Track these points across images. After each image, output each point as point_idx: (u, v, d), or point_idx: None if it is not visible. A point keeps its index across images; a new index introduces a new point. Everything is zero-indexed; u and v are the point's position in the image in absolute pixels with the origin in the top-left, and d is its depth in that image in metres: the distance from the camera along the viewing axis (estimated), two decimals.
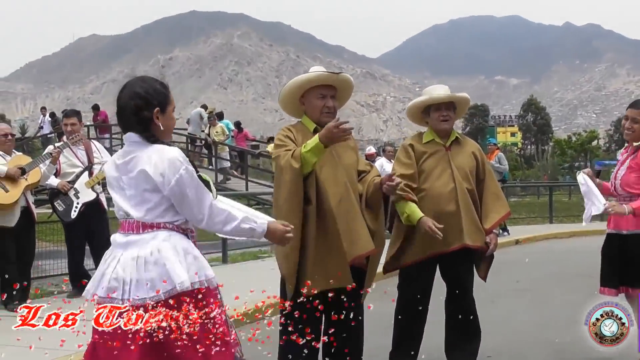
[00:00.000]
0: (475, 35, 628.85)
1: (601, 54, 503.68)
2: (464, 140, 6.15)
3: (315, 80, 5.17)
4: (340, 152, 5.21)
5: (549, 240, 18.87)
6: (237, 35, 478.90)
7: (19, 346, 4.31)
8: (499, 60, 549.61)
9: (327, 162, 5.03)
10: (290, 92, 5.25)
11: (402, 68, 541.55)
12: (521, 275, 11.70)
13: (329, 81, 5.19)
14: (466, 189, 5.84)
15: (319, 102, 5.17)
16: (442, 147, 5.96)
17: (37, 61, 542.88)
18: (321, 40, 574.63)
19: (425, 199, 5.77)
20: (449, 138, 6.01)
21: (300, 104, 5.27)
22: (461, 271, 5.92)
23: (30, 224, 9.10)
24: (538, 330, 7.81)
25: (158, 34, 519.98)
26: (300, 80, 5.22)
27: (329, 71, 5.25)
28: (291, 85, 5.24)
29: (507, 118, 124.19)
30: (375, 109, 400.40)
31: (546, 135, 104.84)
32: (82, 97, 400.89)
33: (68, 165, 9.67)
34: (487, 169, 6.12)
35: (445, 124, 5.92)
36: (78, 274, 9.82)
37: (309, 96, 5.20)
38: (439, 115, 5.90)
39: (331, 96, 5.19)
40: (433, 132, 6.01)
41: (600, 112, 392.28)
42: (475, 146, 6.21)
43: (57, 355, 5.31)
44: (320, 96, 5.17)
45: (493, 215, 5.91)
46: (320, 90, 5.17)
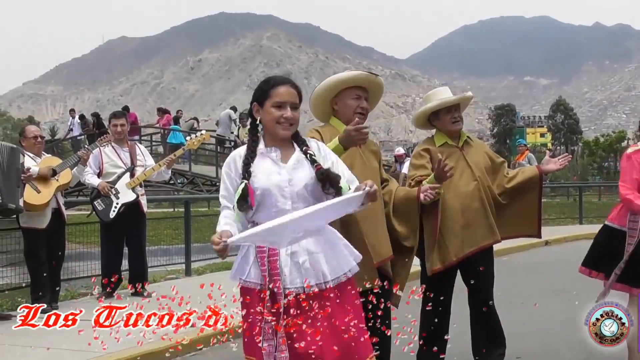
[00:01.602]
0: (505, 35, 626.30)
1: (631, 54, 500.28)
2: (474, 140, 6.24)
3: (352, 80, 5.15)
4: (368, 155, 5.22)
5: (579, 241, 18.71)
6: (266, 37, 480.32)
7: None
8: (528, 60, 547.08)
9: (357, 163, 5.02)
10: (326, 90, 5.19)
11: (432, 69, 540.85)
12: (552, 276, 11.62)
13: (365, 82, 5.17)
14: (487, 187, 5.95)
15: (354, 103, 5.12)
16: (456, 148, 6.02)
17: (67, 63, 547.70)
18: (350, 41, 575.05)
19: (450, 199, 5.80)
20: (460, 139, 6.06)
21: (331, 104, 5.23)
22: (481, 271, 5.92)
23: (60, 225, 9.14)
24: (570, 331, 7.75)
25: (187, 35, 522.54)
26: (339, 79, 5.19)
27: (367, 71, 5.24)
28: (327, 84, 5.19)
29: (536, 119, 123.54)
30: (404, 110, 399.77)
31: (575, 135, 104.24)
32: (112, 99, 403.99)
33: (111, 166, 9.73)
34: (500, 160, 6.24)
35: (457, 124, 5.99)
36: (111, 276, 9.86)
37: (343, 96, 5.16)
38: (451, 117, 5.96)
39: (365, 98, 5.17)
40: (443, 134, 6.04)
41: (630, 112, 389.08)
42: (485, 146, 6.38)
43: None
44: (355, 96, 5.13)
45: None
46: (355, 91, 5.14)
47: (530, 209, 6.14)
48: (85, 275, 11.24)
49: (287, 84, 4.01)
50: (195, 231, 14.64)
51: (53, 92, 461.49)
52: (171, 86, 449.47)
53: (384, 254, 5.04)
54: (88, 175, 9.49)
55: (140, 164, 9.86)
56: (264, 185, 3.83)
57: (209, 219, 18.33)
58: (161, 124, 30.74)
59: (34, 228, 8.73)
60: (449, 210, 5.77)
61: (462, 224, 5.79)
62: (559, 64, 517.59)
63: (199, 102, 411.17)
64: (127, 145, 9.96)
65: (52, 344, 6.56)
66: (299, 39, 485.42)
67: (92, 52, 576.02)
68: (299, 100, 4.01)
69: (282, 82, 4.02)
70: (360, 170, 5.01)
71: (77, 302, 9.65)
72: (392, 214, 5.25)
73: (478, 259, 5.86)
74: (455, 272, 5.98)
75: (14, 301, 9.33)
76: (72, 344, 6.53)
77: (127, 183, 9.65)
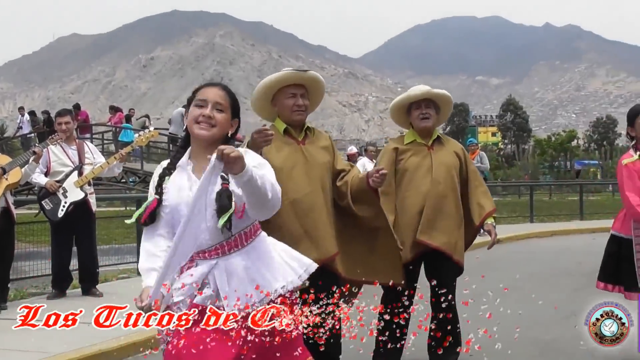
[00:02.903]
0: (457, 35, 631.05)
1: (581, 54, 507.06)
2: (447, 140, 6.22)
3: (284, 79, 5.16)
4: (313, 152, 5.23)
5: (530, 239, 18.93)
6: (219, 35, 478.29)
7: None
8: (481, 60, 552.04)
9: (299, 162, 5.08)
10: (261, 94, 5.24)
11: (384, 68, 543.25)
12: (503, 274, 11.70)
13: (297, 80, 5.17)
14: (445, 188, 5.94)
15: (290, 101, 5.16)
16: (424, 146, 6.03)
17: (17, 60, 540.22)
18: (303, 40, 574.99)
19: (410, 197, 5.89)
20: (431, 137, 6.05)
21: (272, 106, 5.27)
22: (442, 269, 5.97)
23: (9, 225, 9.01)
24: (522, 328, 7.81)
25: (140, 33, 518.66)
26: (270, 81, 5.19)
27: (296, 69, 5.25)
28: (260, 88, 5.23)
29: (487, 118, 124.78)
30: (357, 108, 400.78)
31: (526, 134, 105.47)
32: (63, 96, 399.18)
33: (58, 164, 9.61)
34: (472, 168, 6.23)
35: (425, 121, 5.99)
36: (61, 275, 9.76)
37: (279, 97, 5.20)
38: (419, 113, 5.98)
39: (301, 95, 5.18)
40: (414, 132, 6.07)
41: (580, 112, 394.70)
42: (458, 146, 6.28)
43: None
44: (290, 95, 5.16)
45: (480, 211, 6.04)
46: (290, 90, 5.16)
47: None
48: (35, 275, 11.10)
49: (216, 86, 3.71)
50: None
51: (2, 89, 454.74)
52: (123, 84, 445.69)
53: (326, 251, 5.05)
54: (35, 174, 9.35)
55: (89, 162, 9.74)
56: (174, 201, 3.58)
57: None
58: (113, 122, 30.49)
59: None
60: (407, 207, 5.86)
61: (417, 221, 5.84)
62: (510, 64, 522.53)
63: (151, 100, 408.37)
64: (75, 143, 9.83)
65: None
66: (252, 37, 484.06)
67: (43, 49, 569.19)
68: (229, 105, 3.69)
69: (211, 84, 3.73)
70: (303, 169, 5.06)
71: (26, 302, 9.53)
72: (351, 203, 5.26)
73: (438, 256, 5.92)
74: (416, 270, 5.98)
75: None
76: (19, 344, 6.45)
77: (75, 182, 9.53)
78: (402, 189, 5.97)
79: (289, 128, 5.20)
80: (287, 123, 5.21)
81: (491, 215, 6.18)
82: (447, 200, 5.95)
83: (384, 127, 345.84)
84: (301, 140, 5.24)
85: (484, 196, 6.14)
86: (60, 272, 9.75)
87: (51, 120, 29.57)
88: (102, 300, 9.21)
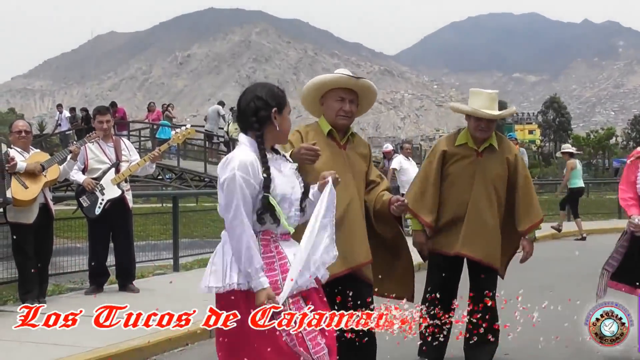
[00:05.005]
0: (494, 32, 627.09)
1: (620, 51, 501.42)
2: (502, 144, 6.13)
3: (335, 82, 5.10)
4: (353, 158, 5.20)
5: (567, 238, 18.80)
6: (255, 32, 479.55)
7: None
8: (518, 57, 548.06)
9: (338, 167, 4.93)
10: (310, 93, 5.20)
11: (420, 65, 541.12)
12: (539, 274, 11.62)
13: (347, 85, 5.10)
14: (485, 199, 5.94)
15: (336, 105, 5.08)
16: (474, 152, 6.01)
17: (56, 58, 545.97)
18: (339, 37, 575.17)
19: (444, 205, 5.95)
20: (483, 145, 6.02)
21: (320, 104, 5.22)
22: (483, 276, 6.02)
23: (48, 221, 9.09)
24: (558, 328, 7.76)
25: (176, 30, 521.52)
26: (318, 82, 5.15)
27: (349, 75, 5.15)
28: (309, 87, 5.19)
29: (525, 115, 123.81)
30: (393, 106, 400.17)
31: (566, 132, 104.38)
32: (100, 94, 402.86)
33: (96, 162, 9.67)
34: (524, 174, 6.14)
35: (483, 134, 5.97)
36: (98, 271, 9.84)
37: (328, 97, 5.13)
38: (478, 125, 5.95)
39: (350, 100, 5.10)
40: (469, 135, 6.04)
41: (619, 109, 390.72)
42: (513, 152, 6.19)
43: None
44: (338, 99, 5.08)
45: (525, 221, 6.04)
46: (339, 93, 5.09)
47: None
48: (73, 270, 11.19)
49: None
50: (183, 227, 14.62)
51: (42, 87, 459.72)
52: (160, 81, 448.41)
53: (361, 259, 5.03)
54: (73, 171, 9.43)
55: (125, 160, 9.80)
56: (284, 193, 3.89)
57: (197, 215, 18.33)
58: (151, 119, 30.64)
59: (21, 223, 8.69)
60: (442, 213, 6.01)
61: (450, 228, 6.00)
62: (548, 61, 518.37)
63: (188, 98, 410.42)
64: (112, 140, 9.89)
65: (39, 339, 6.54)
66: (287, 34, 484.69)
67: (81, 47, 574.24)
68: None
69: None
70: (341, 174, 5.03)
71: (65, 297, 9.64)
72: (373, 219, 5.24)
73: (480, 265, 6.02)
74: (457, 268, 6.10)
75: (1, 296, 9.31)
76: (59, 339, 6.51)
77: (112, 179, 9.59)
78: (442, 192, 5.98)
79: (333, 130, 5.12)
80: (331, 125, 5.13)
81: (536, 227, 6.16)
82: (486, 212, 5.94)
83: (420, 124, 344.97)
84: (343, 144, 5.17)
85: (530, 205, 6.09)
86: (98, 267, 9.82)
87: (89, 117, 29.77)
88: (138, 297, 9.28)
